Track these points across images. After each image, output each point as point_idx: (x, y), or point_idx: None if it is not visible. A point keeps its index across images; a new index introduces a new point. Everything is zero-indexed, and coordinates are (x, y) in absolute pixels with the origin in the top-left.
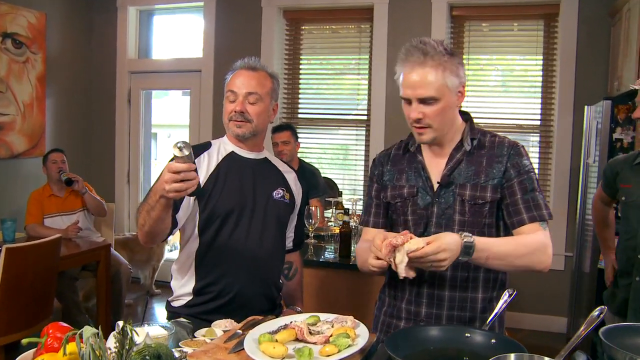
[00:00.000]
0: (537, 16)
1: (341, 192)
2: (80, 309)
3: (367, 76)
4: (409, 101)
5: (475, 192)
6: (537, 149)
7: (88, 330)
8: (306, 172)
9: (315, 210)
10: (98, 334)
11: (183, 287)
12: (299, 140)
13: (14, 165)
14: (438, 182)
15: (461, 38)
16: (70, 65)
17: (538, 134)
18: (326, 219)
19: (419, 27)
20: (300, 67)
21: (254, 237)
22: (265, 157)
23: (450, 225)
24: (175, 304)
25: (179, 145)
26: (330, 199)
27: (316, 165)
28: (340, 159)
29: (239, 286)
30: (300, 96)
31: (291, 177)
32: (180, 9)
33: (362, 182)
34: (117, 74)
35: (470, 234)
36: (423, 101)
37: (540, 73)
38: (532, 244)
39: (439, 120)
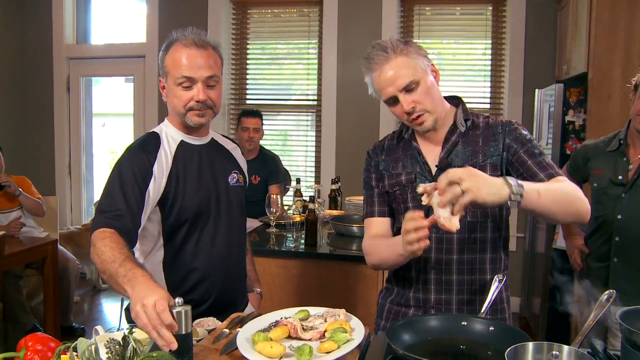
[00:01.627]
0: (486, 0)
1: (299, 179)
2: (25, 308)
3: (316, 61)
4: (394, 100)
5: None
6: None
7: (83, 343)
8: (267, 158)
9: (275, 198)
10: (94, 344)
11: None
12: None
13: None
14: (436, 166)
15: (411, 22)
16: (1, 51)
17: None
18: (285, 206)
19: (370, 11)
20: (248, 52)
21: (223, 234)
22: (212, 138)
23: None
24: None
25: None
26: (289, 187)
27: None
28: (291, 144)
29: (217, 290)
30: (248, 82)
31: (238, 153)
32: None
33: (313, 168)
34: (54, 61)
35: (522, 187)
36: (407, 90)
37: (489, 57)
38: (566, 184)
39: (430, 100)
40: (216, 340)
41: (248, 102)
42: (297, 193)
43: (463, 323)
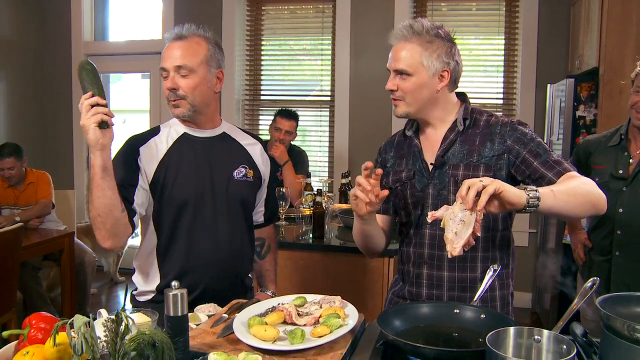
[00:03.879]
0: None
1: (310, 173)
2: (45, 299)
3: (330, 57)
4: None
5: (468, 171)
6: None
7: (79, 319)
8: (294, 153)
9: (287, 190)
10: (89, 322)
11: (147, 284)
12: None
13: None
14: (432, 164)
15: (424, 17)
16: (22, 48)
17: (501, 112)
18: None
19: (382, 8)
20: (262, 48)
21: (218, 226)
22: (224, 132)
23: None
24: (141, 299)
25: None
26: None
27: None
28: (305, 140)
29: (207, 280)
30: (262, 77)
31: (256, 149)
32: None
33: (326, 163)
34: (72, 57)
35: (533, 187)
36: (399, 73)
37: (502, 52)
38: (578, 180)
39: (411, 95)
40: (215, 325)
41: (262, 98)
42: (308, 187)
43: (455, 311)
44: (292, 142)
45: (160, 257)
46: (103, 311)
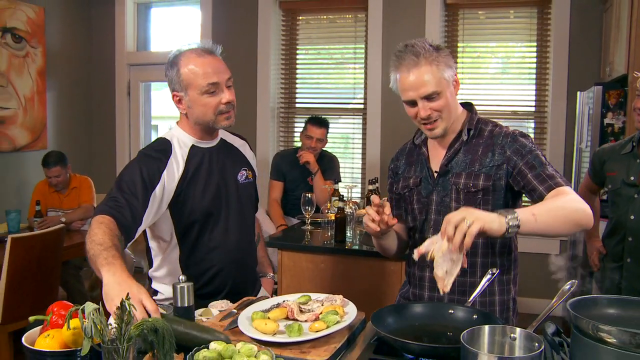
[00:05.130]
0: (531, 3)
1: (339, 179)
2: (86, 297)
3: (363, 65)
4: (413, 103)
5: (469, 180)
6: (533, 135)
7: (90, 306)
8: (325, 159)
9: (313, 196)
10: (99, 309)
11: (168, 292)
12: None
13: (16, 159)
14: (436, 172)
15: (455, 26)
16: (69, 58)
17: (533, 121)
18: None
19: (413, 16)
20: (297, 57)
21: (235, 229)
22: (221, 139)
23: (447, 212)
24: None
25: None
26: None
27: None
28: (340, 148)
29: (232, 281)
30: (297, 86)
31: (246, 149)
32: (177, 1)
33: (359, 171)
34: (116, 67)
35: (513, 212)
36: (427, 98)
37: (535, 60)
38: (563, 199)
39: (447, 111)
40: (224, 319)
41: (297, 105)
42: (336, 193)
43: (450, 311)
44: (324, 148)
45: (184, 267)
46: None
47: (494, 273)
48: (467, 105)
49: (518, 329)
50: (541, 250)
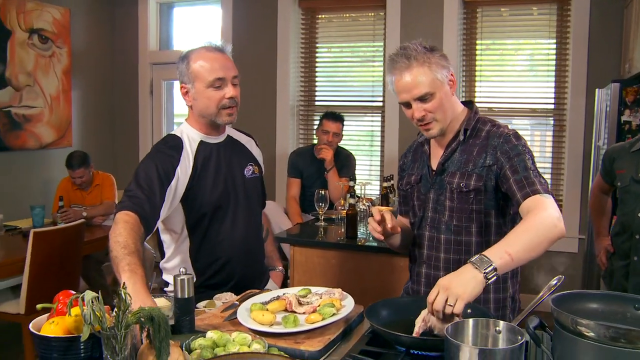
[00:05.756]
0: (550, 0)
1: (355, 176)
2: (107, 290)
3: (381, 63)
4: (408, 104)
5: (462, 180)
6: (552, 133)
7: (89, 294)
8: (341, 156)
9: (326, 193)
10: (98, 297)
11: None
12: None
13: (42, 156)
14: (433, 171)
15: (474, 23)
16: (94, 58)
17: (552, 118)
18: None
19: (431, 13)
20: (317, 55)
21: (243, 222)
22: (228, 135)
23: (442, 210)
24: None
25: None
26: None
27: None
28: (358, 145)
29: (239, 272)
30: (316, 83)
31: (252, 145)
32: (199, 1)
33: (378, 168)
34: (139, 66)
35: (489, 261)
36: (421, 99)
37: (554, 57)
38: (534, 220)
39: (441, 111)
40: (225, 310)
41: (317, 103)
42: (350, 190)
43: None
44: (341, 145)
45: (194, 258)
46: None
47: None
48: (468, 104)
49: (502, 323)
50: (559, 249)
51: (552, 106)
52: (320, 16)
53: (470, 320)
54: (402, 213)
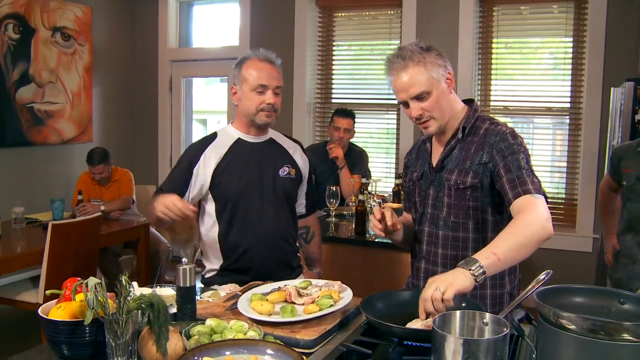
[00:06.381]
0: None
1: (364, 174)
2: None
3: None
4: (406, 104)
5: (459, 177)
6: (567, 132)
7: (92, 280)
8: (354, 153)
9: (338, 189)
10: (101, 283)
11: (212, 265)
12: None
13: (63, 151)
14: (433, 168)
15: (490, 22)
16: (114, 55)
17: (568, 117)
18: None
19: (447, 11)
20: (334, 53)
21: (267, 214)
22: (270, 138)
23: (440, 206)
24: (207, 275)
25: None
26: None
27: None
28: (374, 142)
29: (259, 259)
30: (333, 81)
31: (297, 152)
32: None
33: (394, 165)
34: (158, 63)
35: (476, 261)
36: (418, 98)
37: (571, 55)
38: (522, 221)
39: (438, 109)
40: (227, 300)
41: (333, 101)
42: (364, 187)
43: None
44: (354, 142)
45: (222, 242)
46: (135, 284)
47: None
48: (468, 102)
49: (488, 315)
50: (573, 248)
51: (568, 105)
52: (337, 14)
53: (458, 312)
54: (406, 209)
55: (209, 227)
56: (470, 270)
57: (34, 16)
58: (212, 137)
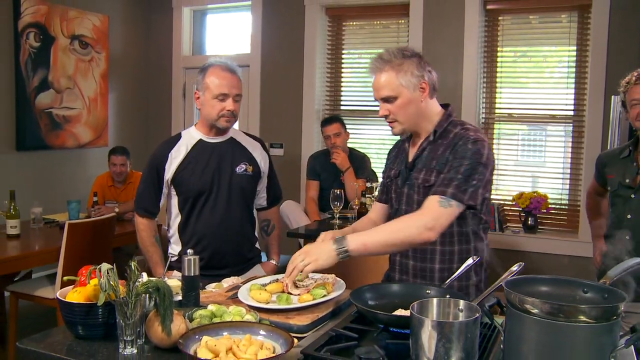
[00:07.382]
0: (571, 7)
1: (367, 178)
2: None
3: None
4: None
5: (426, 176)
6: (570, 139)
7: (105, 266)
8: (355, 158)
9: (342, 192)
10: (113, 269)
11: (173, 250)
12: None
13: (79, 155)
14: (405, 167)
15: (495, 31)
16: (130, 63)
17: (571, 124)
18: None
19: (453, 21)
20: (342, 61)
21: (221, 208)
22: (231, 137)
23: (412, 204)
24: (172, 260)
25: None
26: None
27: None
28: (382, 148)
29: (212, 247)
30: (342, 89)
31: (257, 149)
32: (231, 8)
33: None
34: (172, 70)
35: (345, 244)
36: (385, 100)
37: (574, 64)
38: (403, 222)
39: (402, 114)
40: (229, 290)
41: (342, 109)
42: (369, 191)
43: (427, 291)
44: (355, 148)
45: (181, 231)
46: (144, 274)
47: (475, 259)
48: (445, 106)
49: (462, 302)
50: (576, 253)
51: (571, 112)
52: (346, 23)
53: (435, 300)
54: (380, 200)
55: (174, 217)
56: (337, 249)
57: (54, 25)
58: (177, 137)
